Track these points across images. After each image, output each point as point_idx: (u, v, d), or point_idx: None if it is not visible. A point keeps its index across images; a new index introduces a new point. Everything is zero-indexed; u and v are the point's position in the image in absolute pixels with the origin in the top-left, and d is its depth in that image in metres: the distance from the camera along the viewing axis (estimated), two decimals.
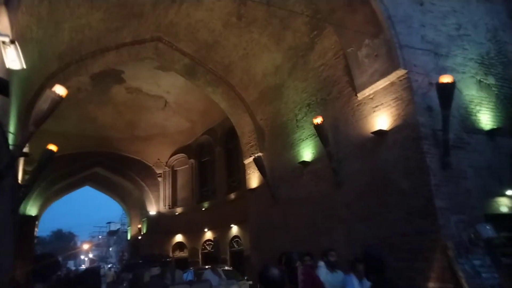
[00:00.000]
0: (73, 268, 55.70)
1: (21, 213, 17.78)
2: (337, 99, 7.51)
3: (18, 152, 5.66)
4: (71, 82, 18.31)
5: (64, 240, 73.73)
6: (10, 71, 5.38)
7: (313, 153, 7.85)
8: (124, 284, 10.52)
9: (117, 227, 56.31)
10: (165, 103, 20.36)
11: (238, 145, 16.59)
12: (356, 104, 6.98)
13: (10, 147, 6.01)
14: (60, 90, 4.81)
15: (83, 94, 18.86)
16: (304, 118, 8.15)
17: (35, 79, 8.62)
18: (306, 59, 8.13)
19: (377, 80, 6.44)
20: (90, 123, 20.04)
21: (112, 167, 21.09)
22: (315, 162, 7.75)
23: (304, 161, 8.05)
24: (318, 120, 7.08)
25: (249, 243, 10.46)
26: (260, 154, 8.82)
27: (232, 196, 17.36)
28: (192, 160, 21.02)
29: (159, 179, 21.69)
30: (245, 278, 12.29)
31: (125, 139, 21.15)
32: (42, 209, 20.92)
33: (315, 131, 7.63)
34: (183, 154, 21.49)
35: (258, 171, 10.09)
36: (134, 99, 19.80)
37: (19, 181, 7.58)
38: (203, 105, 19.64)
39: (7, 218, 6.68)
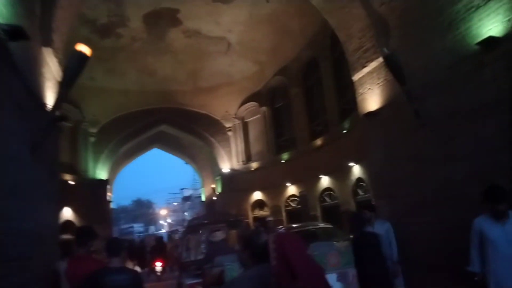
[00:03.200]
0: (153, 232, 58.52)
1: (91, 177, 16.79)
2: None
3: (53, 116, 3.68)
4: (124, 30, 16.52)
5: (144, 207, 78.51)
6: None
7: (507, 21, 4.50)
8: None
9: (190, 193, 57.53)
10: (228, 45, 17.63)
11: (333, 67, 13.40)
12: None
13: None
14: (83, 48, 3.99)
15: (138, 44, 16.87)
16: None
17: None
18: None
19: None
20: (150, 77, 18.19)
21: (178, 124, 19.27)
22: None
23: (488, 39, 4.71)
24: None
25: (371, 188, 7.60)
26: (387, 52, 5.60)
27: (318, 142, 14.43)
28: (264, 108, 18.31)
29: (229, 133, 19.45)
30: (351, 236, 9.56)
31: (188, 92, 19.07)
32: (112, 173, 20.03)
33: None
34: (253, 103, 18.84)
35: (379, 84, 6.92)
36: (194, 45, 17.36)
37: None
38: (272, 40, 16.57)
39: (46, 187, 4.54)
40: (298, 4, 14.07)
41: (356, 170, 11.66)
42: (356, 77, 7.58)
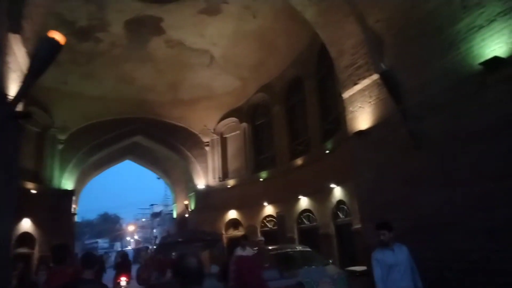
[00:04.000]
0: (119, 249, 55.92)
1: (56, 186, 15.68)
2: None
3: (12, 109, 3.15)
4: (104, 35, 15.89)
5: (110, 223, 75.20)
6: None
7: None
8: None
9: (160, 209, 56.07)
10: (211, 58, 17.31)
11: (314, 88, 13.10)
12: None
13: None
14: (56, 35, 3.52)
15: (118, 50, 16.24)
16: None
17: None
18: None
19: None
20: (128, 85, 17.50)
21: (154, 136, 18.54)
22: None
23: (493, 60, 4.55)
24: None
25: (359, 211, 7.21)
26: (384, 68, 5.37)
27: (299, 161, 14.12)
28: (244, 124, 17.93)
29: (207, 148, 18.89)
30: (330, 261, 9.15)
31: (167, 103, 18.47)
32: (79, 184, 18.83)
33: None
34: (233, 118, 18.45)
35: (371, 102, 6.69)
36: (176, 55, 16.93)
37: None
38: (256, 57, 16.40)
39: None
40: (285, 21, 14.01)
41: (338, 192, 11.36)
42: (346, 94, 7.34)
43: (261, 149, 17.42)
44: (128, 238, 68.03)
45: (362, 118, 6.81)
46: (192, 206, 19.03)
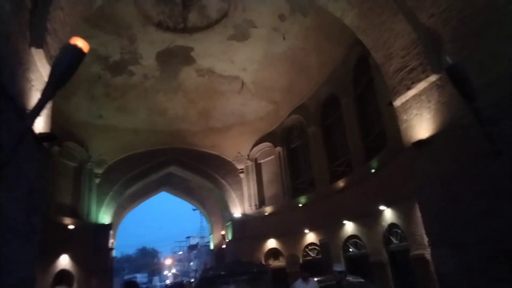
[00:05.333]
0: (157, 283, 55.40)
1: (93, 221, 15.53)
2: None
3: (28, 125, 2.61)
4: (136, 68, 16.12)
5: (148, 257, 75.52)
6: None
7: None
8: None
9: (196, 241, 55.80)
10: (242, 85, 17.13)
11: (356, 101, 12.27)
12: None
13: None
14: (80, 42, 2.97)
15: (150, 81, 16.44)
16: None
17: None
18: None
19: None
20: (160, 116, 17.57)
21: (188, 165, 18.26)
22: None
23: None
24: None
25: (417, 235, 6.21)
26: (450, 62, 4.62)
27: (341, 184, 13.18)
28: (278, 148, 17.30)
29: (241, 175, 18.34)
30: None
31: (199, 132, 18.31)
32: (116, 217, 18.69)
33: None
34: (267, 143, 17.91)
35: (430, 108, 5.87)
36: (206, 83, 16.92)
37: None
38: (287, 79, 16.01)
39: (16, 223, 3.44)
40: (316, 39, 13.59)
41: (388, 215, 10.29)
42: (398, 102, 6.57)
43: (298, 173, 16.61)
44: (166, 272, 67.58)
45: (421, 126, 5.98)
46: (229, 236, 18.28)
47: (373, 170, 10.90)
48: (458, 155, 5.32)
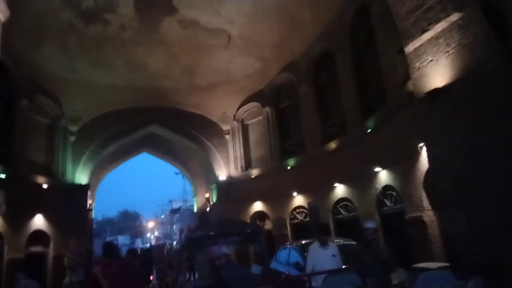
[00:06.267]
0: (140, 245, 55.76)
1: (69, 181, 14.66)
2: None
3: None
4: (112, 17, 14.67)
5: (130, 219, 75.57)
6: None
7: None
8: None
9: (179, 205, 55.93)
10: (229, 39, 15.92)
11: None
12: None
13: None
14: None
15: (128, 33, 15.05)
16: None
17: None
18: None
19: None
20: (140, 72, 16.30)
21: (170, 125, 17.32)
22: None
23: None
24: None
25: (439, 194, 5.67)
26: None
27: (333, 145, 12.64)
28: (267, 109, 16.50)
29: (227, 136, 17.59)
30: None
31: (182, 90, 17.19)
32: (95, 178, 17.81)
33: None
34: (255, 103, 17.06)
35: (449, 52, 5.15)
36: (190, 37, 15.61)
37: None
38: (278, 34, 14.90)
39: None
40: None
41: (384, 177, 9.84)
42: (410, 47, 5.79)
43: (287, 135, 15.97)
44: (148, 235, 68.05)
45: (436, 74, 5.28)
46: (213, 199, 17.80)
47: (369, 130, 10.31)
48: (480, 105, 4.67)
